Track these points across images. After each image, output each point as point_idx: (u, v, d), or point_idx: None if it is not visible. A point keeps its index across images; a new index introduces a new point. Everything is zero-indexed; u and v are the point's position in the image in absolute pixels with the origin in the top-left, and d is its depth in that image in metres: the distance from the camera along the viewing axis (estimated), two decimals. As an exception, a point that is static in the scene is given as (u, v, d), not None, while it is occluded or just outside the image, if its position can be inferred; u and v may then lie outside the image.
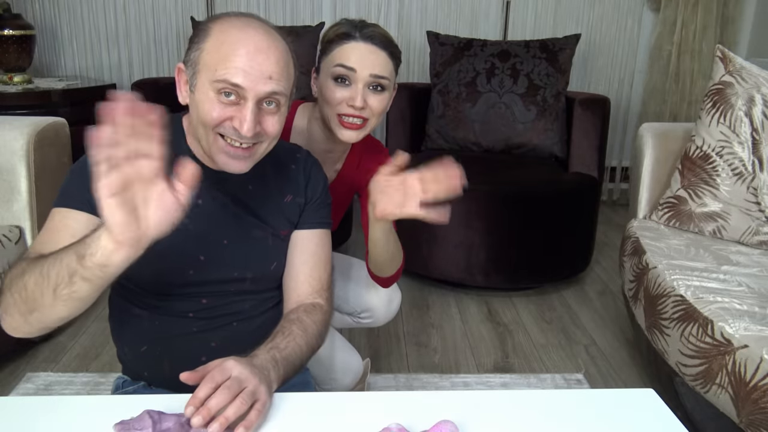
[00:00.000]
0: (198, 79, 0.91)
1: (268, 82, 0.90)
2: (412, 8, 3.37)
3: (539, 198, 2.35)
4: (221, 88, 0.89)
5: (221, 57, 0.89)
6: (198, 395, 0.75)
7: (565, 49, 2.74)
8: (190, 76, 0.93)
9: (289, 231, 1.06)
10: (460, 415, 0.82)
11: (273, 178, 1.05)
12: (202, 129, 0.92)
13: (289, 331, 0.96)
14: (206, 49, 0.91)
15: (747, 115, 1.79)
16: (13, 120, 1.82)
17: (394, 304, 1.51)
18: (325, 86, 1.21)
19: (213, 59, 0.90)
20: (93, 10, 3.26)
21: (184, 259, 0.98)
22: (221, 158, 0.93)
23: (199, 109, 0.91)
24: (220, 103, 0.90)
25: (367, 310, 1.50)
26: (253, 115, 0.89)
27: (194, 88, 0.92)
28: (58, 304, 0.78)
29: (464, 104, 2.72)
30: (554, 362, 2.00)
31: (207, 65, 0.90)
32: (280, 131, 0.96)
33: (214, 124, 0.90)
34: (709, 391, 1.33)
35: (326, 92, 1.21)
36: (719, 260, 1.64)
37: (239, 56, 0.88)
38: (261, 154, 0.96)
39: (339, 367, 1.46)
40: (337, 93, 1.20)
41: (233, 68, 0.88)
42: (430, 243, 2.37)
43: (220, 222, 1.00)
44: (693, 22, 3.32)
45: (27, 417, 0.81)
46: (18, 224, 1.78)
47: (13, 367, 1.85)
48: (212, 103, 0.90)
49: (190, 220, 0.97)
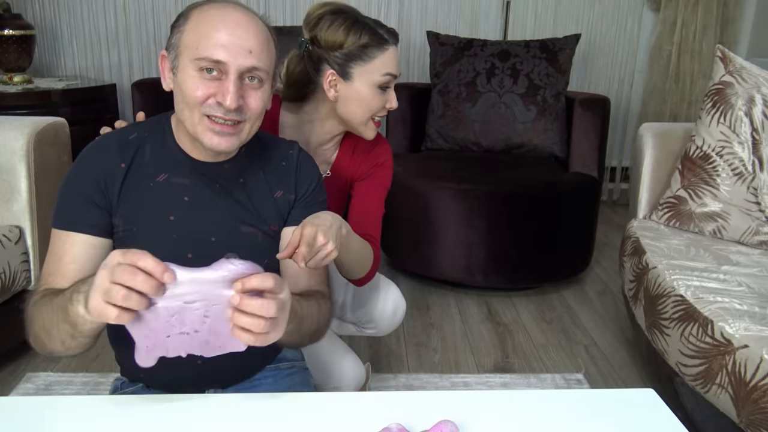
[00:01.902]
0: (180, 61, 0.93)
1: (248, 56, 0.91)
2: (412, 8, 3.37)
3: (539, 198, 2.35)
4: (203, 66, 0.90)
5: (201, 35, 0.90)
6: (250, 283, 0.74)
7: (565, 49, 2.74)
8: (172, 59, 0.95)
9: (279, 227, 1.05)
10: (460, 415, 0.82)
11: (264, 172, 1.05)
12: (188, 110, 0.93)
13: (307, 300, 0.98)
14: (186, 30, 0.92)
15: (747, 115, 1.79)
16: (13, 120, 1.82)
17: (398, 316, 1.49)
18: (369, 94, 1.23)
19: (193, 38, 0.91)
20: (93, 10, 3.26)
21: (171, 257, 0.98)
22: (207, 137, 0.93)
23: (183, 88, 0.92)
24: (203, 80, 0.91)
25: (371, 321, 1.48)
26: (235, 87, 0.91)
27: (177, 70, 0.93)
28: (73, 348, 0.87)
29: (464, 104, 2.73)
30: (554, 362, 2.00)
31: (188, 45, 0.91)
32: (263, 109, 0.97)
33: (199, 101, 0.91)
34: (709, 391, 1.33)
35: (370, 99, 1.23)
36: (719, 260, 1.64)
37: (219, 32, 0.90)
38: (247, 134, 0.97)
39: (340, 374, 1.45)
40: (381, 100, 1.25)
41: (213, 44, 0.90)
42: (430, 243, 2.37)
43: (208, 219, 0.99)
44: (693, 22, 3.32)
45: (27, 417, 0.81)
46: (18, 224, 1.78)
47: (13, 367, 1.85)
48: (195, 81, 0.91)
49: (177, 217, 0.98)
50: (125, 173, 0.97)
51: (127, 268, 0.69)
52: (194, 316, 0.74)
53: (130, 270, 0.69)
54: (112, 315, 0.70)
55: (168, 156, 0.99)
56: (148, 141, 1.00)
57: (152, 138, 1.00)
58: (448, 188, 2.33)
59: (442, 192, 2.33)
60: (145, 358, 0.76)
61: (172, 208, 0.98)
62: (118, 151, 0.97)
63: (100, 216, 0.95)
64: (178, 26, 0.94)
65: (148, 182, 0.98)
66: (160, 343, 0.76)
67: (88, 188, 0.95)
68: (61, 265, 0.94)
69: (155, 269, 0.70)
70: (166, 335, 0.75)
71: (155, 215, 0.97)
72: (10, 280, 1.72)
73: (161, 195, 0.98)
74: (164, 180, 0.98)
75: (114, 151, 0.97)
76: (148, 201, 0.97)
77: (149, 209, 0.97)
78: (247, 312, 0.73)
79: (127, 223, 0.96)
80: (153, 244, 0.96)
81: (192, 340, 0.76)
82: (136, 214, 0.96)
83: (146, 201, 0.97)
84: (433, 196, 2.33)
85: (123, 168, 0.97)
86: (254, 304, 0.73)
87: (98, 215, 0.95)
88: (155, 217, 0.97)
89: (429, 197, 2.34)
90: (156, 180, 0.98)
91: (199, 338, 0.76)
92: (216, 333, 0.77)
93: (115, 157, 0.97)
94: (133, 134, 1.01)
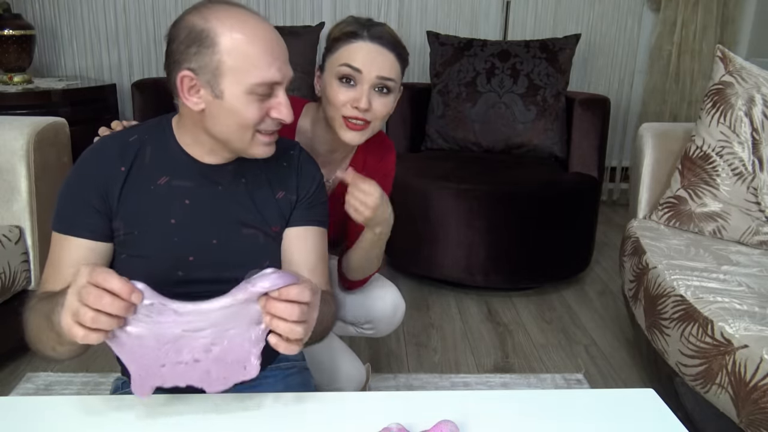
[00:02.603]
0: (223, 84, 0.90)
1: (287, 64, 0.95)
2: (412, 8, 3.37)
3: (539, 198, 2.35)
4: (261, 92, 0.92)
5: (251, 61, 0.90)
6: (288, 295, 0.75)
7: (565, 49, 2.74)
8: (205, 82, 0.91)
9: (281, 228, 1.05)
10: (460, 415, 0.82)
11: (266, 173, 1.05)
12: (241, 132, 0.94)
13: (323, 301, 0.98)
14: (223, 52, 0.89)
15: (747, 115, 1.79)
16: (13, 120, 1.82)
17: (398, 316, 1.47)
18: (330, 86, 1.18)
19: (241, 64, 0.90)
20: (93, 10, 3.26)
21: (172, 260, 0.98)
22: (259, 150, 0.96)
23: (237, 114, 0.92)
24: (257, 102, 0.92)
25: (370, 322, 1.47)
26: (286, 99, 0.94)
27: (220, 94, 0.91)
28: (65, 353, 0.87)
29: (464, 104, 2.72)
30: (554, 362, 2.00)
31: (234, 70, 0.90)
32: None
33: (257, 122, 0.93)
34: (709, 391, 1.33)
35: (330, 92, 1.18)
36: (719, 260, 1.64)
37: (265, 53, 0.91)
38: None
39: (341, 375, 1.45)
40: (341, 94, 1.17)
41: (267, 68, 0.91)
42: (430, 243, 2.37)
43: (209, 221, 0.99)
44: (693, 22, 3.32)
45: (27, 417, 0.81)
46: (18, 224, 1.78)
47: (13, 367, 1.85)
48: (249, 105, 0.92)
49: (178, 220, 0.98)
50: (125, 177, 0.96)
51: (93, 290, 0.69)
52: (196, 344, 0.73)
53: (97, 291, 0.69)
54: (79, 335, 0.70)
55: (169, 158, 0.99)
56: (148, 143, 1.00)
57: (153, 140, 1.00)
58: (448, 188, 2.33)
59: (442, 192, 2.33)
60: (140, 387, 0.75)
61: (173, 211, 0.98)
62: (118, 155, 0.97)
63: (100, 221, 0.95)
64: (204, 46, 0.89)
65: (148, 185, 0.97)
66: (153, 372, 0.75)
67: (88, 193, 0.95)
68: (60, 270, 0.94)
69: (121, 290, 0.70)
70: (160, 364, 0.74)
71: (156, 218, 0.97)
72: (10, 280, 1.72)
73: (162, 198, 0.97)
74: (165, 183, 0.98)
75: (114, 155, 0.97)
76: (149, 204, 0.97)
77: (150, 212, 0.97)
78: (286, 319, 0.74)
79: (128, 227, 0.96)
80: (154, 247, 0.97)
81: (191, 370, 0.75)
82: (137, 218, 0.96)
83: (147, 204, 0.97)
84: (433, 196, 2.33)
85: (123, 171, 0.96)
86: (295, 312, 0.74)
87: (98, 220, 0.95)
88: (156, 220, 0.97)
89: (429, 197, 2.34)
90: (157, 183, 0.98)
91: (200, 368, 0.75)
92: (222, 362, 0.75)
93: (115, 160, 0.97)
94: (133, 136, 1.00)
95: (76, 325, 0.70)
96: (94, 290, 0.69)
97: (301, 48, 2.80)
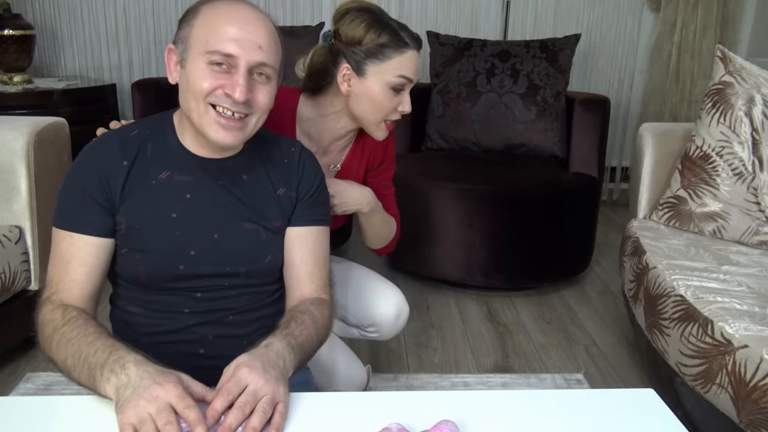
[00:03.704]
0: (189, 54, 0.93)
1: (258, 51, 0.92)
2: (412, 8, 3.37)
3: (539, 198, 2.35)
4: (213, 60, 0.91)
5: (212, 29, 0.91)
6: (215, 407, 0.77)
7: (565, 49, 2.74)
8: (180, 52, 0.95)
9: (283, 223, 1.05)
10: (460, 415, 0.82)
11: (267, 170, 1.05)
12: (194, 101, 0.93)
13: (301, 320, 0.97)
14: (196, 25, 0.93)
15: (747, 115, 1.79)
16: (13, 120, 1.82)
17: (402, 320, 1.48)
18: (380, 93, 1.23)
19: (203, 32, 0.92)
20: (93, 10, 3.26)
21: (174, 254, 0.98)
22: (213, 129, 0.94)
23: (191, 80, 0.93)
24: (212, 72, 0.92)
25: (373, 325, 1.47)
26: (245, 80, 0.92)
27: (185, 63, 0.94)
28: None
29: (464, 104, 2.72)
30: (554, 362, 2.00)
31: (198, 39, 0.92)
32: (269, 105, 0.98)
33: (207, 92, 0.92)
34: (709, 391, 1.33)
35: (380, 99, 1.23)
36: (719, 260, 1.64)
37: (230, 26, 0.91)
38: (252, 128, 0.97)
39: (341, 376, 1.45)
40: (393, 102, 1.24)
41: (225, 38, 0.91)
42: (430, 243, 2.37)
43: (210, 216, 1.00)
44: (693, 22, 3.32)
45: (27, 417, 0.81)
46: (18, 224, 1.78)
47: (13, 367, 1.85)
48: (204, 73, 0.92)
49: (180, 214, 0.98)
50: (128, 171, 0.97)
51: (169, 415, 0.73)
52: None
53: (170, 417, 0.72)
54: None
55: (170, 153, 1.00)
56: (150, 138, 1.00)
57: (154, 135, 1.01)
58: (448, 188, 2.33)
59: (442, 192, 2.33)
60: None
61: (174, 205, 0.98)
62: (120, 149, 0.98)
63: (103, 216, 0.96)
64: (186, 21, 0.95)
65: (150, 180, 0.98)
66: None
67: (90, 187, 0.95)
68: (69, 270, 0.94)
69: (191, 423, 0.73)
70: None
71: (157, 213, 0.97)
72: (10, 280, 1.72)
73: (163, 192, 0.98)
74: (166, 177, 0.98)
75: (116, 149, 0.98)
76: (151, 198, 0.97)
77: (151, 207, 0.97)
78: None
79: (130, 221, 0.96)
80: (155, 241, 0.97)
81: None
82: (139, 212, 0.97)
83: (148, 198, 0.97)
84: (433, 196, 2.33)
85: (125, 165, 0.97)
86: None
87: (100, 215, 0.95)
88: (157, 214, 0.97)
89: (429, 197, 2.34)
90: (158, 177, 0.98)
91: None
92: None
93: (117, 155, 0.97)
94: (134, 131, 1.01)
95: (132, 428, 0.73)
96: (169, 416, 0.72)
97: (302, 48, 2.80)
